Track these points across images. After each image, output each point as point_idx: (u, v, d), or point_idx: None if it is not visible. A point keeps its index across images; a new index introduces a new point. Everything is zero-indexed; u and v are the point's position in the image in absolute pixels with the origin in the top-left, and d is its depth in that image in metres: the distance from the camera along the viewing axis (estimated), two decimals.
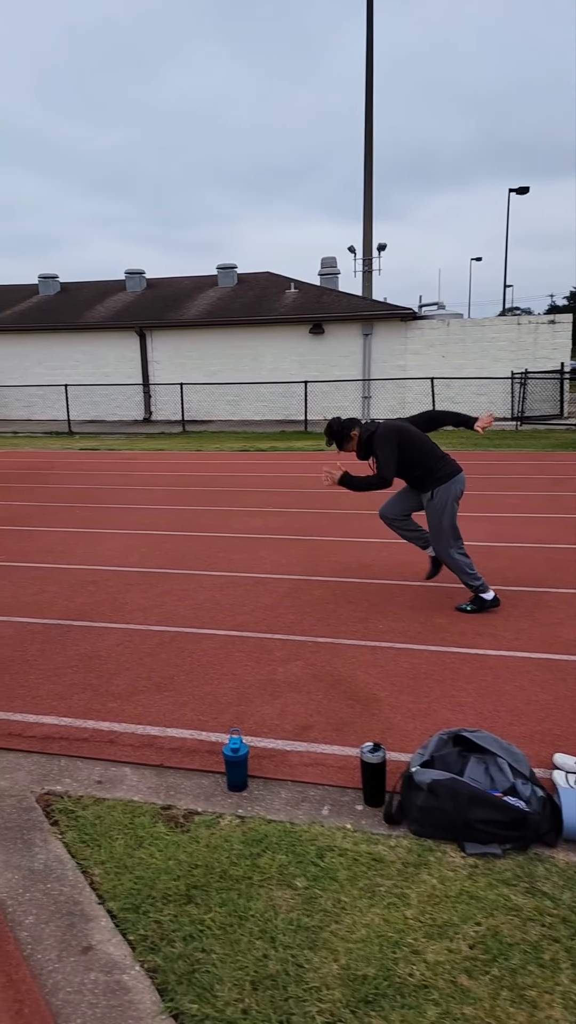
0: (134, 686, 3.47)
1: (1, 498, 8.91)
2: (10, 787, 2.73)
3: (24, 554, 6.07)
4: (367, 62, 21.66)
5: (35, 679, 3.61)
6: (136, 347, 20.79)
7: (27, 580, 5.31)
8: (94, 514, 7.76)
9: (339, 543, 6.21)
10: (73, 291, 24.23)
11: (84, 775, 2.79)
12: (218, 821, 2.44)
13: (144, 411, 21.10)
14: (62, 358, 21.55)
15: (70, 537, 6.66)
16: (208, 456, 13.05)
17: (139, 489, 9.44)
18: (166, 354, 20.71)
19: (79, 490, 9.46)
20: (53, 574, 5.45)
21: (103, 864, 2.27)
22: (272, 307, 20.29)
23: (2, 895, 2.18)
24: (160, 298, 22.28)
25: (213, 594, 4.84)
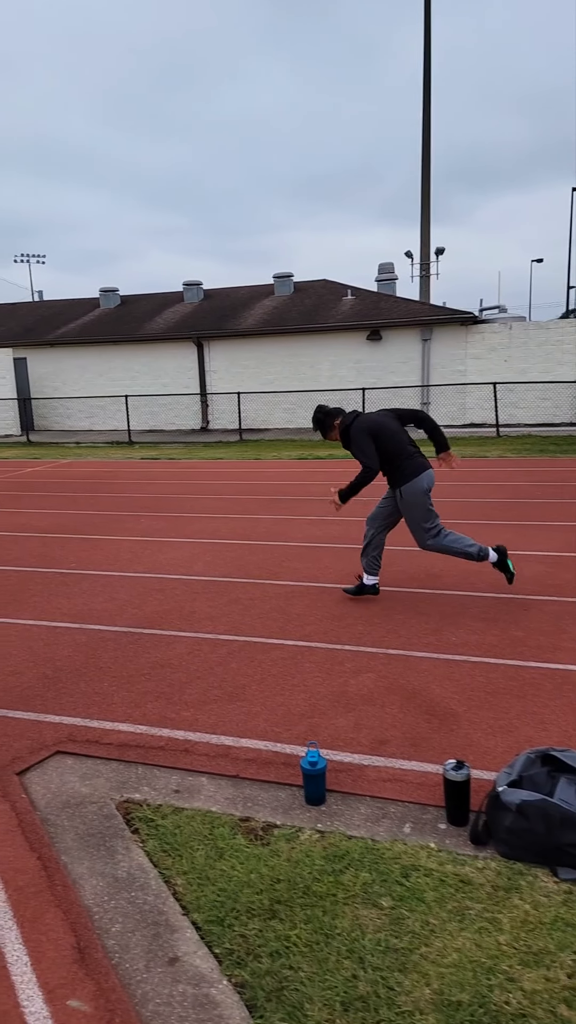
0: (206, 695, 3.49)
1: (68, 507, 9.14)
2: (91, 793, 2.78)
3: (93, 562, 6.20)
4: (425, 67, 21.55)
5: (109, 686, 3.67)
6: (194, 357, 21.10)
7: (97, 588, 5.42)
8: (158, 523, 7.88)
9: (404, 552, 6.13)
10: (133, 303, 24.77)
11: (162, 784, 2.81)
12: (297, 835, 2.42)
13: (202, 420, 21.37)
14: (123, 369, 22.04)
15: (136, 545, 6.78)
16: (266, 464, 13.11)
17: (200, 498, 9.54)
18: (223, 363, 20.95)
19: (142, 499, 9.62)
20: (121, 582, 5.55)
21: (185, 874, 2.28)
22: (329, 314, 20.31)
23: (88, 902, 2.21)
24: (217, 308, 22.57)
25: (279, 603, 4.84)
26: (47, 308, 26.57)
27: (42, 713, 3.41)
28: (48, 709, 3.44)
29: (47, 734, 3.21)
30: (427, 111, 23.88)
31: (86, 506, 9.15)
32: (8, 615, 4.86)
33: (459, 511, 7.95)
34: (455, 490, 9.38)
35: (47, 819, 2.63)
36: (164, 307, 23.58)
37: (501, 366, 18.85)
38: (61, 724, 3.29)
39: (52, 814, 2.66)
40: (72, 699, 3.54)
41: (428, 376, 19.30)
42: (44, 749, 3.10)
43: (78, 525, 7.89)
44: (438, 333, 19.11)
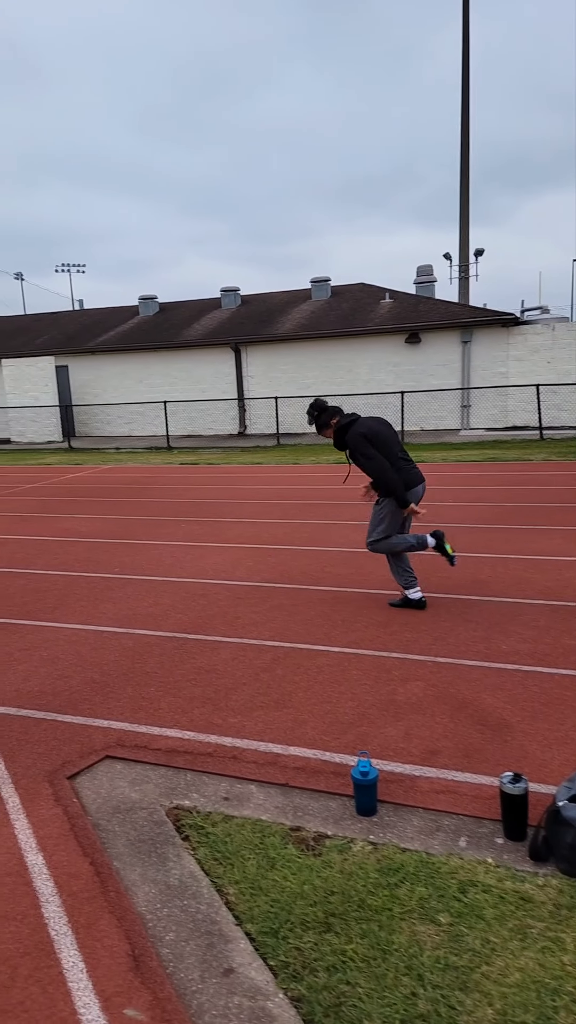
0: (253, 701, 3.48)
1: (111, 512, 9.25)
2: (141, 799, 2.79)
3: (137, 567, 6.26)
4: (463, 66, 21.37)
5: (156, 691, 3.69)
6: (231, 363, 21.23)
7: (141, 592, 5.47)
8: (199, 528, 7.92)
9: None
10: (171, 311, 25.04)
11: (211, 791, 2.81)
12: (350, 846, 2.39)
13: (239, 425, 21.49)
14: (161, 375, 22.28)
15: (178, 550, 6.82)
16: (305, 469, 13.10)
17: (239, 503, 9.57)
18: (260, 368, 21.03)
19: (182, 504, 9.69)
20: (165, 587, 5.58)
21: (237, 884, 2.26)
22: (366, 318, 20.24)
23: (141, 909, 2.21)
24: (255, 314, 22.67)
25: (323, 609, 4.81)
26: (88, 316, 27.02)
27: (91, 717, 3.44)
28: (96, 713, 3.47)
29: (96, 738, 3.24)
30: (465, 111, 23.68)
31: (128, 511, 9.25)
32: (55, 619, 4.92)
33: (506, 515, 7.82)
34: (501, 494, 9.24)
35: (98, 824, 2.64)
36: (202, 313, 23.78)
37: (544, 368, 18.54)
38: (110, 729, 3.32)
39: (103, 819, 2.67)
40: (120, 704, 3.57)
41: (468, 379, 19.09)
42: (94, 754, 3.12)
43: (121, 530, 7.98)
44: (478, 335, 18.88)
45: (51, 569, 6.33)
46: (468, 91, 23.43)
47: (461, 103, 23.63)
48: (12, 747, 3.20)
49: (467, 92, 23.50)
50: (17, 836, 2.57)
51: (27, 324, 27.37)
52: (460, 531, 7.11)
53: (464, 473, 11.51)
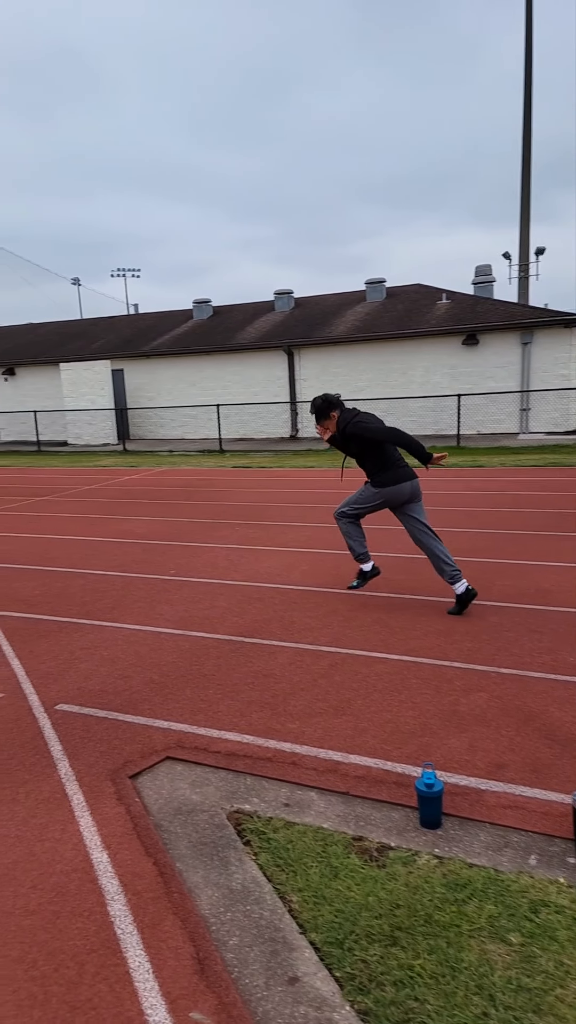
0: (311, 708, 3.47)
1: (166, 514, 9.38)
2: (201, 801, 2.80)
3: (192, 569, 6.32)
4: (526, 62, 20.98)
5: (214, 694, 3.71)
6: (284, 366, 21.29)
7: (198, 595, 5.52)
8: (253, 531, 7.96)
9: (511, 565, 5.93)
10: (225, 314, 25.28)
11: (271, 796, 2.80)
12: (414, 859, 2.35)
13: (291, 428, 21.53)
14: (214, 379, 22.50)
15: (233, 554, 6.86)
16: (357, 473, 13.00)
17: (293, 506, 9.58)
18: (313, 371, 21.03)
19: (236, 507, 9.76)
20: (221, 590, 5.62)
21: (300, 892, 2.25)
22: (422, 319, 20.03)
23: (204, 911, 2.22)
24: (308, 316, 22.69)
25: (380, 616, 4.77)
26: (143, 321, 27.50)
27: (151, 718, 3.48)
28: (156, 714, 3.51)
29: (157, 739, 3.28)
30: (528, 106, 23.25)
31: (182, 514, 9.36)
32: (114, 619, 5.01)
33: (568, 522, 7.62)
34: (563, 500, 9.01)
35: (160, 825, 2.67)
36: (255, 316, 23.93)
37: None
38: (170, 730, 3.35)
39: (165, 820, 2.70)
40: (179, 705, 3.60)
41: (528, 381, 18.69)
42: (154, 754, 3.15)
43: (175, 532, 8.08)
44: (539, 336, 18.48)
45: (109, 570, 6.44)
46: (531, 85, 23.00)
47: (524, 98, 23.21)
48: (75, 745, 3.26)
49: (530, 86, 23.06)
50: (82, 833, 2.62)
51: (84, 328, 28.01)
52: (521, 538, 6.96)
53: (523, 478, 11.27)
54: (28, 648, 4.50)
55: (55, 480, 14.07)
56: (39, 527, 8.84)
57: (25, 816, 2.73)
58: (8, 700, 3.75)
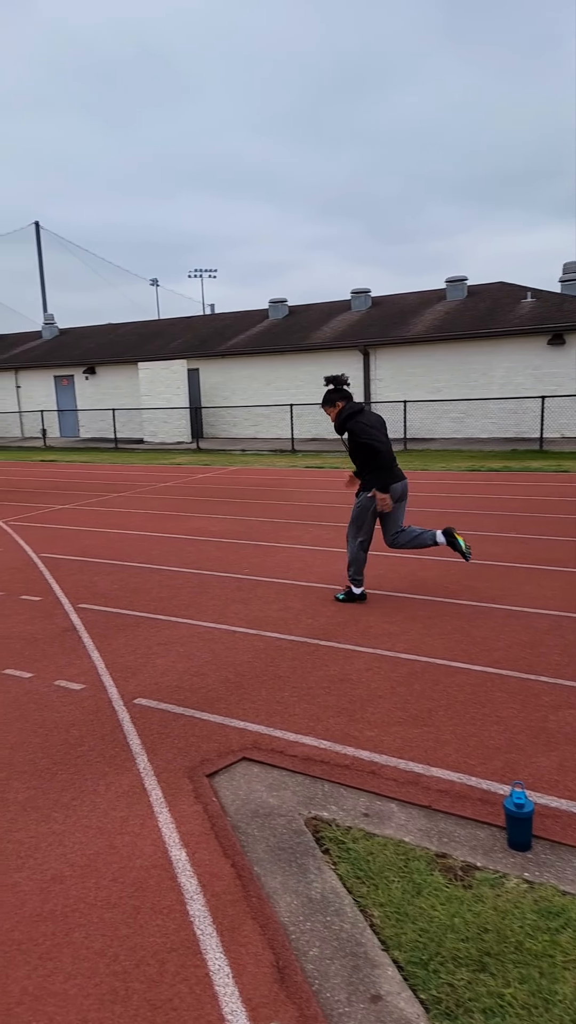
0: (390, 716, 3.40)
1: (239, 513, 9.45)
2: (279, 805, 2.78)
3: (266, 569, 6.33)
4: None
5: (289, 696, 3.69)
6: (360, 366, 21.14)
7: (271, 595, 5.51)
8: (326, 532, 7.91)
9: None
10: (300, 313, 25.31)
11: (350, 804, 2.75)
12: (502, 882, 2.25)
13: None
14: (288, 379, 22.57)
15: (306, 554, 6.83)
16: (434, 475, 12.80)
17: None
18: (389, 371, 20.80)
19: (309, 507, 9.73)
20: (295, 590, 5.60)
21: (382, 907, 2.20)
22: (505, 318, 19.49)
23: (283, 919, 2.19)
24: (385, 316, 22.46)
25: (461, 624, 4.64)
26: (219, 321, 27.86)
27: (227, 717, 3.49)
28: (232, 713, 3.52)
29: (233, 739, 3.27)
30: None
31: (255, 513, 9.41)
32: (190, 616, 5.06)
33: None
34: None
35: (237, 826, 2.66)
36: (331, 316, 23.85)
37: None
38: (246, 730, 3.34)
39: (242, 821, 2.68)
40: (255, 706, 3.59)
41: None
42: (231, 754, 3.15)
43: (249, 531, 8.12)
44: None
45: (184, 567, 6.53)
46: None
47: None
48: (153, 739, 3.30)
49: None
50: (161, 829, 2.64)
51: (162, 328, 28.59)
52: None
53: None
54: (107, 641, 4.59)
55: (131, 477, 14.40)
56: (116, 523, 9.06)
57: (106, 808, 2.77)
58: (89, 692, 3.83)
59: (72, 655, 4.37)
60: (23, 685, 3.95)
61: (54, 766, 3.09)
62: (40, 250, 50.05)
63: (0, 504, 11.09)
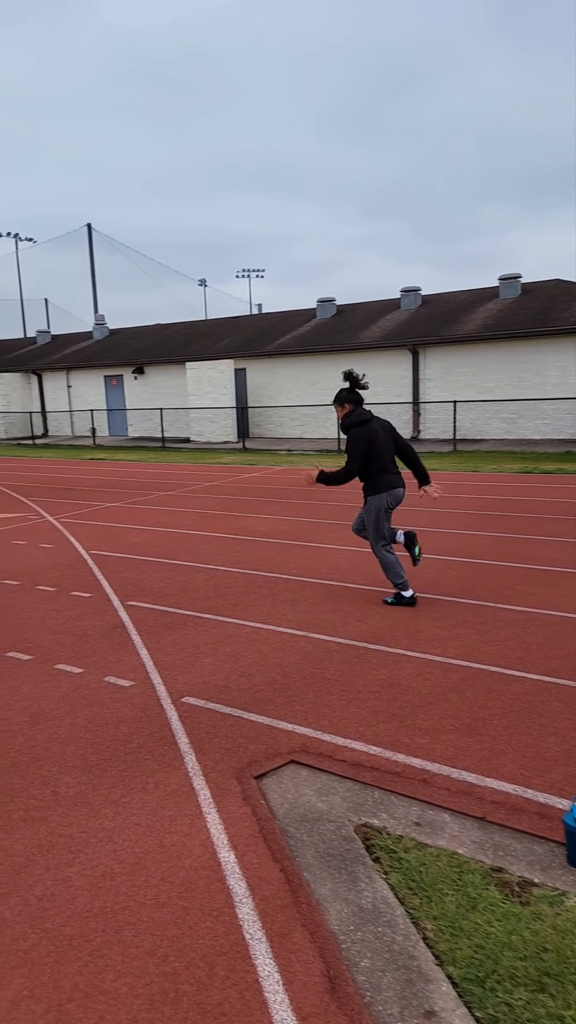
0: (442, 723, 3.33)
1: (285, 513, 9.43)
2: (328, 811, 2.74)
3: (313, 570, 6.30)
4: None
5: (338, 700, 3.64)
6: (408, 365, 20.93)
7: (319, 596, 5.48)
8: None
9: None
10: (348, 313, 25.19)
11: (401, 813, 2.70)
12: (562, 900, 2.17)
13: (412, 429, 21.13)
14: (334, 379, 22.42)
15: (353, 556, 6.77)
16: (484, 477, 12.58)
17: (414, 511, 9.36)
18: (438, 371, 20.52)
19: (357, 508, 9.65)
20: (343, 592, 5.56)
21: (435, 920, 2.14)
22: (561, 316, 19.00)
23: (333, 927, 2.15)
24: (435, 314, 22.17)
25: (515, 631, 4.52)
26: (266, 320, 27.94)
27: (274, 719, 3.46)
28: (280, 715, 3.49)
29: (281, 741, 3.25)
30: None
31: (301, 513, 9.38)
32: (236, 616, 5.06)
33: None
34: None
35: (286, 830, 2.63)
36: (380, 315, 23.66)
37: None
38: (294, 733, 3.32)
39: (291, 825, 2.66)
40: (303, 708, 3.56)
41: None
42: (279, 756, 3.13)
43: (295, 531, 8.09)
44: None
45: (231, 566, 6.54)
46: None
47: None
48: (201, 739, 3.30)
49: None
50: (209, 830, 2.63)
51: (210, 329, 28.81)
52: None
53: None
54: (155, 639, 4.62)
55: (178, 476, 14.54)
56: (163, 521, 9.15)
57: (155, 806, 2.78)
58: (138, 689, 3.86)
59: (121, 652, 4.41)
60: (74, 680, 4.00)
61: (104, 762, 3.12)
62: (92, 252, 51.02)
63: (51, 501, 11.32)
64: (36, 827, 2.68)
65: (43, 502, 11.22)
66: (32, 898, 2.31)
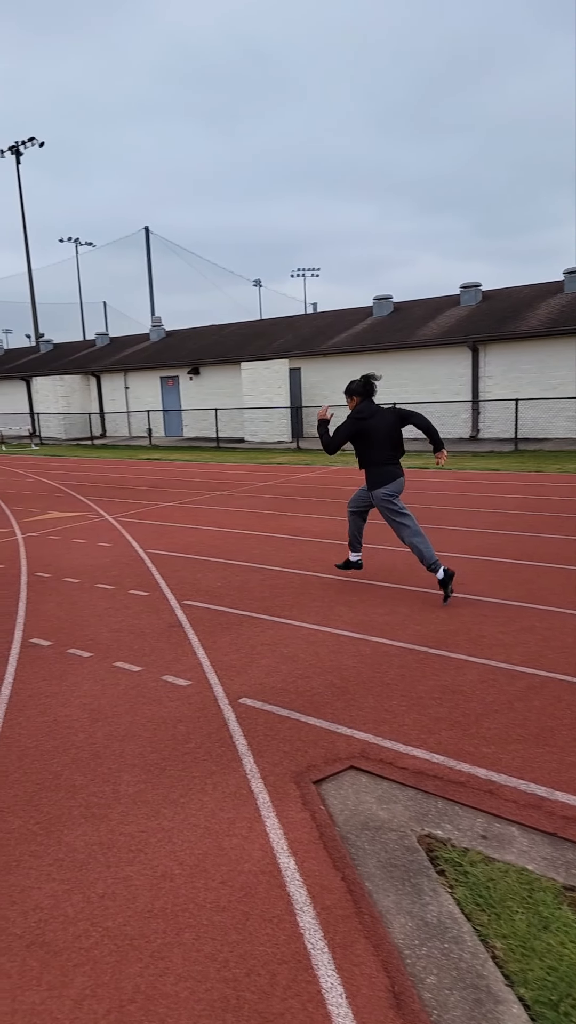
0: (507, 733, 3.22)
1: (341, 513, 9.35)
2: (390, 819, 2.68)
3: (368, 571, 6.21)
4: None
5: (397, 705, 3.57)
6: (467, 363, 20.52)
7: (376, 598, 5.39)
8: (431, 535, 7.69)
9: None
10: (406, 310, 24.88)
11: (466, 824, 2.61)
12: None
13: (471, 429, 20.72)
14: (390, 377, 22.17)
15: (411, 557, 6.65)
16: (549, 478, 12.23)
17: (475, 511, 9.16)
18: (499, 368, 20.05)
19: (414, 510, 9.51)
20: (401, 595, 5.46)
21: (505, 939, 2.05)
22: None
23: (397, 941, 2.09)
24: (496, 310, 21.68)
25: None
26: (321, 319, 27.86)
27: (333, 723, 3.41)
28: (338, 720, 3.44)
29: (340, 746, 3.19)
30: None
31: None
32: (292, 617, 5.02)
33: None
34: None
35: (346, 837, 2.58)
36: (438, 312, 23.28)
37: None
38: (353, 738, 3.26)
39: (351, 833, 2.60)
40: (362, 713, 3.50)
41: None
42: (338, 761, 3.08)
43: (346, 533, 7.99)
44: None
45: (286, 567, 6.51)
46: None
47: None
48: (259, 741, 3.27)
49: None
50: (268, 834, 2.60)
51: (265, 328, 28.90)
52: None
53: None
54: (212, 639, 4.62)
55: (232, 476, 14.62)
56: (218, 520, 9.19)
57: (213, 808, 2.76)
58: (195, 688, 3.86)
59: (178, 651, 4.43)
60: (132, 678, 4.03)
61: (163, 761, 3.12)
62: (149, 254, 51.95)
63: (109, 500, 11.53)
64: (97, 824, 2.69)
65: (101, 501, 11.44)
66: (94, 895, 2.32)
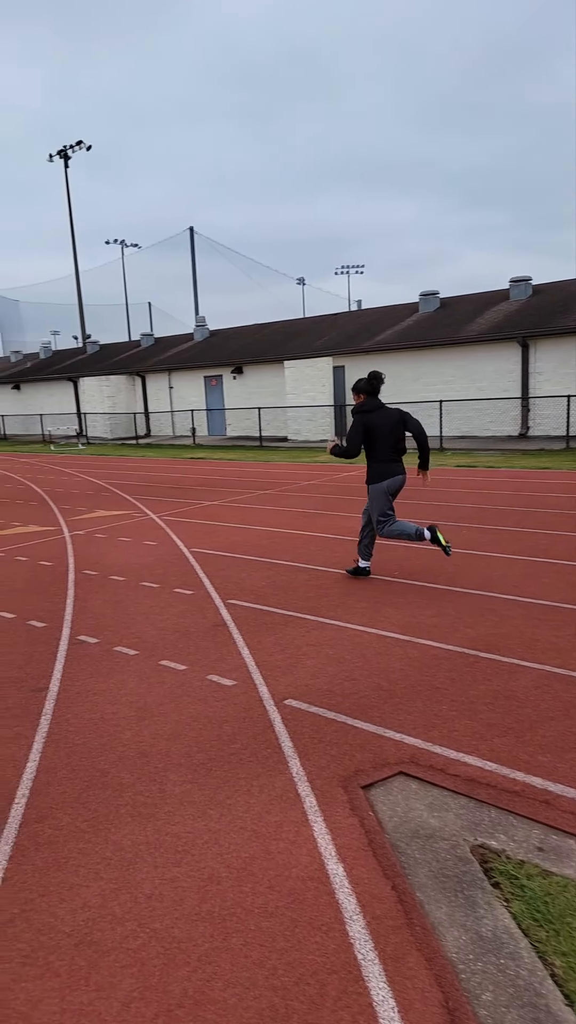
0: (564, 741, 3.11)
1: None
2: (441, 828, 2.60)
3: (416, 572, 6.11)
4: None
5: (448, 710, 3.48)
6: (516, 359, 20.09)
7: (424, 599, 5.30)
8: (483, 536, 7.54)
9: None
10: (453, 306, 24.52)
11: (521, 835, 2.53)
12: None
13: (520, 426, 20.28)
14: (436, 374, 21.91)
15: (460, 558, 6.53)
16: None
17: (527, 511, 8.95)
18: (551, 364, 19.55)
19: (460, 508, 9.35)
20: (450, 596, 5.35)
21: (564, 956, 1.97)
22: None
23: (451, 954, 2.02)
24: (547, 304, 21.17)
25: None
26: (366, 316, 27.66)
27: (381, 727, 3.35)
28: (387, 724, 3.37)
29: (388, 751, 3.13)
30: None
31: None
32: (338, 617, 4.97)
33: None
34: None
35: (396, 845, 2.52)
36: (487, 307, 22.86)
37: None
38: (402, 743, 3.19)
39: (401, 841, 2.54)
40: (410, 717, 3.43)
41: None
42: (387, 767, 3.01)
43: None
44: None
45: (331, 566, 6.46)
46: None
47: None
48: (306, 744, 3.23)
49: None
50: (316, 839, 2.55)
51: (308, 327, 28.85)
52: None
53: None
54: (256, 638, 4.60)
55: (276, 475, 14.61)
56: (262, 519, 9.18)
57: (260, 811, 2.73)
58: (240, 688, 3.84)
59: (223, 650, 4.42)
60: (178, 677, 4.04)
61: (209, 762, 3.10)
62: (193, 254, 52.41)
63: (154, 499, 11.63)
64: (144, 824, 2.69)
65: (146, 500, 11.56)
66: (141, 896, 2.31)
